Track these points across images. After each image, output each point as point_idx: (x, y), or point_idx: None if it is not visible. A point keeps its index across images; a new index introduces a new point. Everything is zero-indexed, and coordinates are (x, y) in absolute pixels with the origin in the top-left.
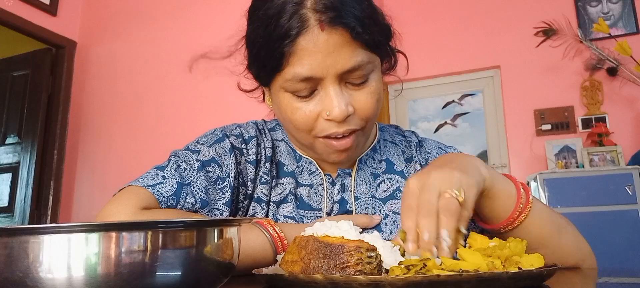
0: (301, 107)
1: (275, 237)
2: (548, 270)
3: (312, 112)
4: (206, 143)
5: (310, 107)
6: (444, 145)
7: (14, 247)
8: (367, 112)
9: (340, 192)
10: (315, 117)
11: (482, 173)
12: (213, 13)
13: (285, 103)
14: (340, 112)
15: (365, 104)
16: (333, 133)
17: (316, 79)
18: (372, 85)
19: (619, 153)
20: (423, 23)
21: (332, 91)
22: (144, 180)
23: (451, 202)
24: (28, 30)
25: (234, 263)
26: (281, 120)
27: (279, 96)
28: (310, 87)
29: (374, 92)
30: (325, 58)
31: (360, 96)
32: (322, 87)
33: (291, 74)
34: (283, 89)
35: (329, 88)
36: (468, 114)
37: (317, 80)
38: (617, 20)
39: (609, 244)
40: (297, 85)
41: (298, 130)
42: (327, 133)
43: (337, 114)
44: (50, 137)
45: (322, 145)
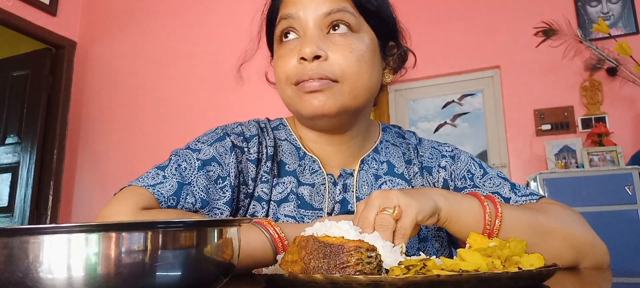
0: (284, 55)
1: (275, 237)
2: (548, 270)
3: (291, 57)
4: (207, 142)
5: (291, 54)
6: (438, 143)
7: (14, 247)
8: (342, 63)
9: (342, 192)
10: (290, 61)
11: (434, 200)
12: (213, 13)
13: (276, 56)
14: (310, 51)
15: (342, 54)
16: (301, 75)
17: (296, 19)
18: (354, 42)
19: (619, 153)
20: (423, 23)
21: (309, 33)
22: (144, 179)
23: (384, 218)
24: (28, 30)
25: (234, 263)
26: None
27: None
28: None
29: (354, 49)
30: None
31: (338, 47)
32: (302, 31)
33: (279, 17)
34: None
35: (307, 30)
36: (468, 114)
37: (297, 21)
38: (617, 20)
39: (608, 244)
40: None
41: (282, 82)
42: (300, 77)
43: (307, 51)
44: (50, 137)
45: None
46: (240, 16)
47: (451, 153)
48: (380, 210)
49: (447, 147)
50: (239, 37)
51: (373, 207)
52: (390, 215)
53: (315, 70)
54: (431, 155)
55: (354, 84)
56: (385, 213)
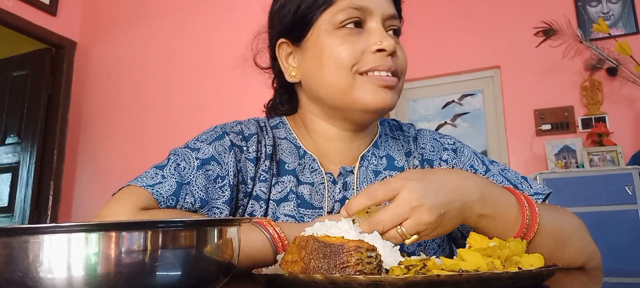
0: (348, 40)
1: (275, 237)
2: (548, 270)
3: (359, 44)
4: (206, 140)
5: (356, 40)
6: (440, 135)
7: (14, 247)
8: (403, 63)
9: (342, 191)
10: (361, 52)
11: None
12: (213, 13)
13: (331, 40)
14: (390, 43)
15: (402, 54)
16: (382, 65)
17: (366, 13)
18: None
19: (619, 153)
20: (423, 23)
21: (380, 27)
22: (143, 179)
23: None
24: (28, 30)
25: (234, 263)
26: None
27: (322, 38)
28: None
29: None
30: None
31: (398, 49)
32: (369, 24)
33: (345, 3)
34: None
35: (377, 25)
36: (468, 114)
37: (367, 15)
38: (617, 20)
39: (608, 244)
40: (349, 14)
41: (341, 66)
42: (376, 65)
43: (388, 44)
44: (50, 137)
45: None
46: (241, 16)
47: (453, 146)
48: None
49: (449, 139)
50: (239, 36)
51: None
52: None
53: (392, 64)
54: (433, 147)
55: (403, 83)
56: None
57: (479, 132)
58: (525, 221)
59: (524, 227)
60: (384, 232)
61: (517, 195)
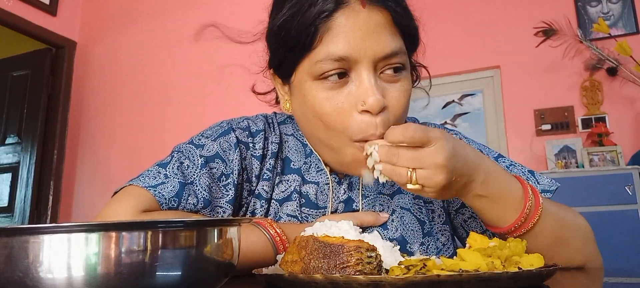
0: (332, 97)
1: (276, 237)
2: (548, 270)
3: (343, 103)
4: (211, 136)
5: (341, 98)
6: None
7: (14, 247)
8: (399, 112)
9: (347, 191)
10: (348, 111)
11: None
12: (213, 13)
13: (313, 94)
14: (376, 100)
15: (398, 101)
16: (371, 135)
17: (350, 62)
18: (405, 82)
19: (619, 153)
20: (423, 23)
21: (367, 78)
22: (144, 179)
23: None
24: (28, 30)
25: (234, 263)
26: (305, 122)
27: (304, 88)
28: (342, 74)
29: (406, 90)
30: (364, 38)
31: (393, 92)
32: (355, 74)
33: (324, 53)
34: (310, 76)
35: (363, 74)
36: (468, 114)
37: (351, 63)
38: (617, 20)
39: (608, 244)
40: (328, 66)
41: (329, 127)
42: (365, 135)
43: (372, 102)
44: (50, 137)
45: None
46: (241, 15)
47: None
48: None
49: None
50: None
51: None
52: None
53: (381, 126)
54: None
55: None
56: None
57: (479, 132)
58: (526, 210)
59: (522, 216)
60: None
61: (524, 184)
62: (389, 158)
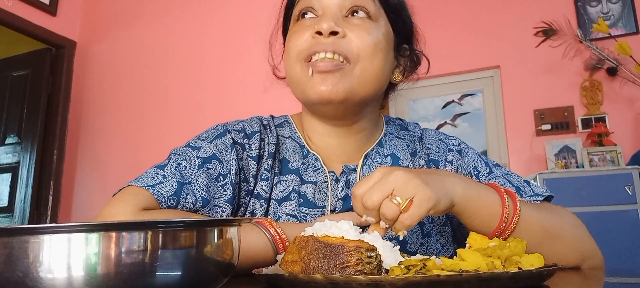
0: (298, 30)
1: (276, 237)
2: (548, 270)
3: (305, 32)
4: (207, 139)
5: (305, 30)
6: (445, 135)
7: (14, 247)
8: (358, 43)
9: (345, 189)
10: (307, 36)
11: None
12: (213, 12)
13: (290, 33)
14: (327, 25)
15: (358, 35)
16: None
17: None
18: (371, 27)
19: (619, 153)
20: (422, 23)
21: (329, 11)
22: (143, 179)
23: (391, 208)
24: (28, 30)
25: (234, 263)
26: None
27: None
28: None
29: (371, 32)
30: None
31: (355, 27)
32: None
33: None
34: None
35: (327, 9)
36: (468, 114)
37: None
38: (617, 20)
39: (608, 244)
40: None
41: (292, 58)
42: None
43: (324, 26)
44: (50, 137)
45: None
46: (242, 15)
47: (458, 147)
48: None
49: (453, 140)
50: (240, 36)
51: (384, 189)
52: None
53: (330, 45)
54: (438, 148)
55: (366, 68)
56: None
57: (479, 132)
58: (504, 215)
59: (502, 222)
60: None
61: (499, 190)
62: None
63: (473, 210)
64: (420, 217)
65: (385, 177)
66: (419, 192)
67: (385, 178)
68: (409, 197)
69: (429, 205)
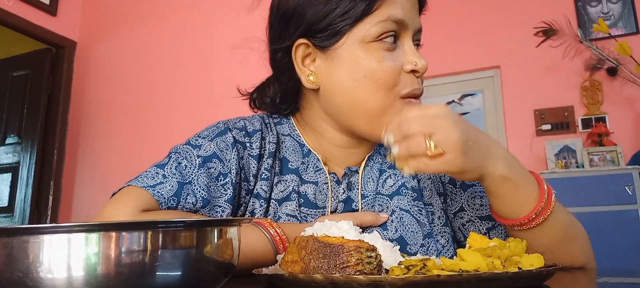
0: (387, 57)
1: (276, 237)
2: (548, 270)
3: (397, 63)
4: (207, 137)
5: (394, 58)
6: None
7: (14, 247)
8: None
9: (346, 191)
10: (399, 71)
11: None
12: (213, 12)
13: (369, 54)
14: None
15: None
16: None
17: (402, 27)
18: None
19: (619, 153)
20: (422, 23)
21: (412, 44)
22: (143, 179)
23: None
24: (28, 30)
25: (234, 263)
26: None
27: (356, 51)
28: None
29: None
30: (410, 9)
31: None
32: (402, 40)
33: (386, 14)
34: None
35: (408, 41)
36: (468, 114)
37: (402, 29)
38: (617, 20)
39: (608, 244)
40: (389, 27)
41: (381, 86)
42: (411, 89)
43: (423, 64)
44: (50, 137)
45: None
46: (241, 15)
47: None
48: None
49: None
50: (240, 36)
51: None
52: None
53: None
54: None
55: None
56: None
57: None
58: (542, 201)
59: (539, 207)
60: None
61: (537, 176)
62: (401, 130)
63: (504, 194)
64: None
65: (437, 117)
66: (452, 153)
67: (436, 119)
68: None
69: (452, 169)
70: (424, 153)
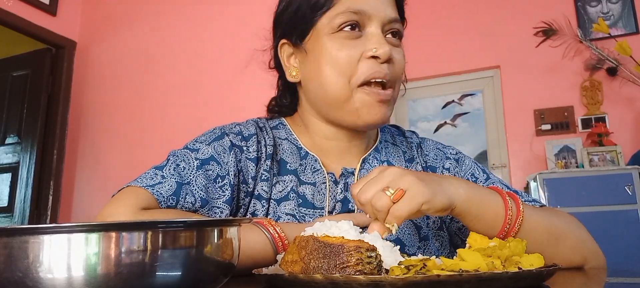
0: (346, 45)
1: (276, 236)
2: (548, 270)
3: (355, 51)
4: (205, 141)
5: (353, 47)
6: (443, 145)
7: (14, 247)
8: (399, 72)
9: (343, 191)
10: (358, 57)
11: (450, 195)
12: (213, 12)
13: (329, 45)
14: (386, 52)
15: (399, 63)
16: (375, 73)
17: (365, 17)
18: (402, 51)
19: (619, 153)
20: (423, 23)
21: (377, 32)
22: (142, 180)
23: (381, 198)
24: (28, 30)
25: (234, 263)
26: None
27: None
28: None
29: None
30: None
31: (396, 54)
32: (367, 30)
33: (345, 6)
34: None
35: (374, 30)
36: (468, 114)
37: (365, 19)
38: (617, 20)
39: (608, 244)
40: (347, 17)
41: (340, 74)
42: (370, 74)
43: (383, 51)
44: (50, 137)
45: (361, 96)
46: (242, 15)
47: (456, 156)
48: (384, 189)
49: (451, 149)
50: (240, 35)
51: (378, 184)
52: (389, 197)
53: (388, 72)
54: (436, 155)
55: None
56: (387, 193)
57: (479, 132)
58: (508, 216)
59: (506, 223)
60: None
61: (501, 193)
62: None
63: (476, 213)
64: (410, 210)
65: (380, 174)
66: (412, 187)
67: (381, 175)
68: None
69: (420, 199)
70: (389, 201)
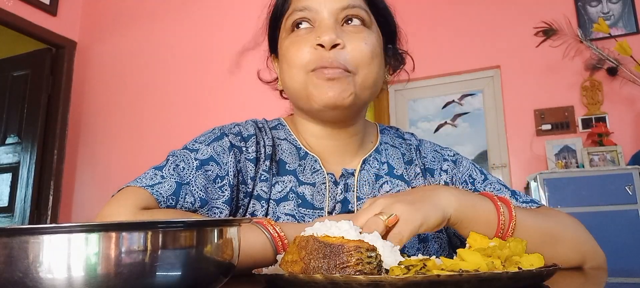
0: (296, 40)
1: (276, 236)
2: (548, 270)
3: (303, 42)
4: (204, 142)
5: (306, 40)
6: (441, 146)
7: (14, 247)
8: (358, 54)
9: (343, 192)
10: (309, 48)
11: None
12: (213, 13)
13: (286, 45)
14: (329, 38)
15: (357, 45)
16: (321, 60)
17: (313, 12)
18: (366, 36)
19: (619, 153)
20: (423, 23)
21: (326, 22)
22: (142, 180)
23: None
24: (28, 30)
25: (234, 263)
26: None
27: (282, 47)
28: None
29: (367, 42)
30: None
31: (353, 37)
32: (318, 21)
33: (292, 8)
34: (286, 32)
35: (322, 20)
36: (468, 114)
37: (314, 14)
38: (617, 20)
39: (608, 244)
40: (297, 16)
41: (294, 68)
42: (316, 61)
43: (326, 39)
44: (50, 137)
45: (312, 80)
46: (241, 15)
47: (453, 158)
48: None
49: (449, 151)
50: (240, 36)
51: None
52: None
53: (333, 58)
54: (434, 157)
55: (366, 75)
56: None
57: (479, 132)
58: (501, 222)
59: (500, 229)
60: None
61: (492, 198)
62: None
63: (469, 221)
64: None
65: (371, 204)
66: (404, 214)
67: (372, 205)
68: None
69: (417, 223)
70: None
